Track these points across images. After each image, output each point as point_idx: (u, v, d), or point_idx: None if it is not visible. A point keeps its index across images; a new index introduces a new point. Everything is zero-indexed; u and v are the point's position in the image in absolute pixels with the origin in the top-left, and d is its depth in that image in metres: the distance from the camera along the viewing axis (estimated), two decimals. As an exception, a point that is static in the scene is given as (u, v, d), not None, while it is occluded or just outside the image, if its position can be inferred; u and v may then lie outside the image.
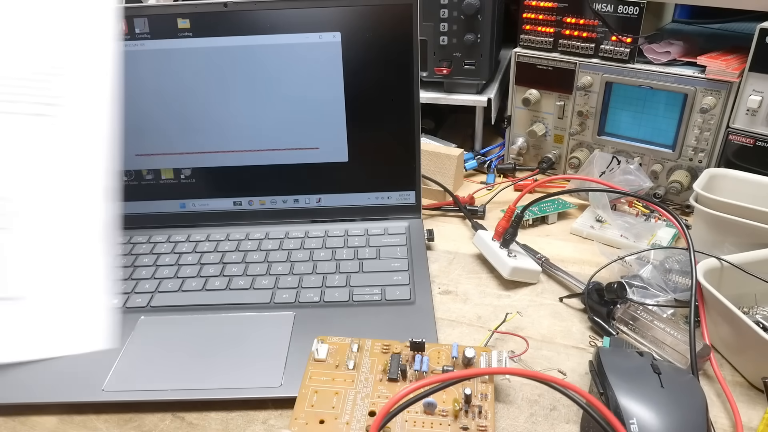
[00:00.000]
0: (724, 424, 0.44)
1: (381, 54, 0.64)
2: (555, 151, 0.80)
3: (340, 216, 0.70)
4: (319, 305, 0.56)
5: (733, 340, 0.49)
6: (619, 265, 0.59)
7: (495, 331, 0.53)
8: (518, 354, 0.50)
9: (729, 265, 0.52)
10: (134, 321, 0.55)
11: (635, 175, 0.70)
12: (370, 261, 0.62)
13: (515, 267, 0.59)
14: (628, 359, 0.44)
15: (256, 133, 0.67)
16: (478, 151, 0.88)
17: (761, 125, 0.64)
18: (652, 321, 0.51)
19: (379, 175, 0.69)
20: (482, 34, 0.80)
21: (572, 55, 0.73)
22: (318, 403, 0.43)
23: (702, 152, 0.68)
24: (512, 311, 0.56)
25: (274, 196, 0.70)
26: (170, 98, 0.65)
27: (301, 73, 0.64)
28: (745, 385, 0.48)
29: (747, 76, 0.63)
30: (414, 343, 0.46)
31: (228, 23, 0.63)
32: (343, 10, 0.62)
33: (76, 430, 0.46)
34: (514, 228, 0.61)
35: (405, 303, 0.56)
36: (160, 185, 0.69)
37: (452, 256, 0.66)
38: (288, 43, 0.63)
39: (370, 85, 0.65)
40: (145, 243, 0.66)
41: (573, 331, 0.54)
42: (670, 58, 0.68)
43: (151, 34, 0.63)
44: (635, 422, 0.38)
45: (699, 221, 0.60)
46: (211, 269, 0.62)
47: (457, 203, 0.74)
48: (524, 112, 0.80)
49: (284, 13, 0.63)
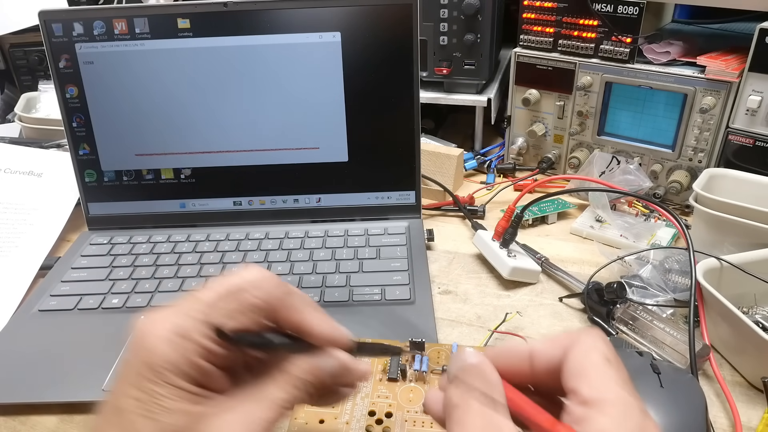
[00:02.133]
0: (724, 424, 0.44)
1: (381, 54, 0.64)
2: (555, 151, 0.80)
3: (340, 216, 0.70)
4: (319, 305, 0.56)
5: (733, 340, 0.49)
6: (619, 265, 0.59)
7: (495, 331, 0.53)
8: None
9: (729, 265, 0.52)
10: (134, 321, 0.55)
11: (635, 175, 0.70)
12: (370, 261, 0.62)
13: (515, 267, 0.59)
14: (627, 359, 0.44)
15: (256, 133, 0.67)
16: (478, 151, 0.88)
17: (761, 125, 0.64)
18: (652, 321, 0.51)
19: (379, 175, 0.69)
20: (482, 34, 0.80)
21: (572, 55, 0.73)
22: (318, 403, 0.43)
23: (702, 152, 0.68)
24: (512, 311, 0.56)
25: (274, 196, 0.70)
26: (170, 98, 0.65)
27: (301, 73, 0.64)
28: (745, 385, 0.48)
29: (747, 76, 0.63)
30: (414, 342, 0.46)
31: (228, 23, 0.63)
32: (343, 10, 0.62)
33: (76, 430, 0.46)
34: (514, 228, 0.61)
35: (405, 303, 0.56)
36: (160, 185, 0.69)
37: (452, 256, 0.66)
38: (288, 43, 0.63)
39: (370, 85, 0.65)
40: (145, 243, 0.66)
41: (573, 331, 0.54)
42: (669, 58, 0.68)
43: (151, 34, 0.63)
44: (635, 422, 0.38)
45: (699, 221, 0.60)
46: (211, 269, 0.62)
47: (457, 203, 0.74)
48: (524, 112, 0.80)
49: (284, 13, 0.63)
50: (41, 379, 0.49)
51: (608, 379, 0.24)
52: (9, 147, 0.76)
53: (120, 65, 0.64)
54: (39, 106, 0.90)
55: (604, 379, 0.24)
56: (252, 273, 0.30)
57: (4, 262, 0.63)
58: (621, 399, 0.23)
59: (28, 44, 0.97)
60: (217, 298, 0.29)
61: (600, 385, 0.24)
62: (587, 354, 0.25)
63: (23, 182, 0.72)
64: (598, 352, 0.25)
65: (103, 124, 0.66)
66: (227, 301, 0.29)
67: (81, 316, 0.57)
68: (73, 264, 0.63)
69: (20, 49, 0.97)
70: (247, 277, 0.30)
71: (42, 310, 0.57)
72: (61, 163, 0.73)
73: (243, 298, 0.29)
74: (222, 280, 0.30)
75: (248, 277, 0.30)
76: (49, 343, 0.53)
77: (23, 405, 0.48)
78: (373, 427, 0.41)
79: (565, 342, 0.26)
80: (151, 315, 0.28)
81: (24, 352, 0.52)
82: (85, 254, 0.65)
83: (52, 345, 0.53)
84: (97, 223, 0.70)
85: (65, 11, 0.64)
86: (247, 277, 0.30)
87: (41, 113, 0.88)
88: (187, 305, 0.29)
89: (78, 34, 0.63)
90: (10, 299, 0.59)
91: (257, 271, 0.30)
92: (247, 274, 0.30)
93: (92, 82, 0.65)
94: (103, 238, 0.67)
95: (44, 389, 0.48)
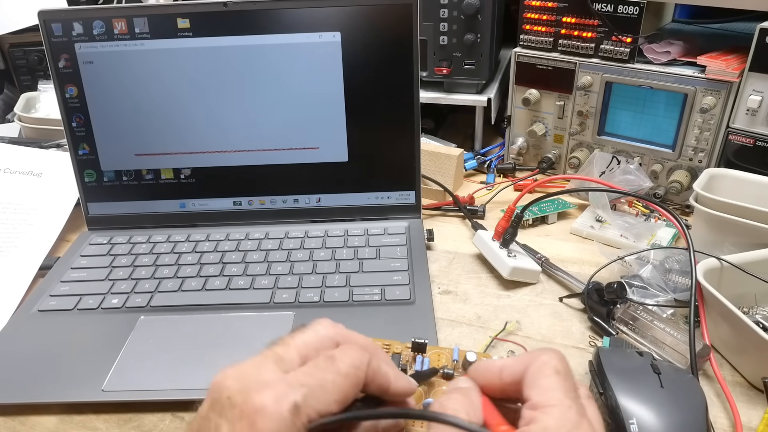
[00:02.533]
0: (724, 424, 0.44)
1: (381, 54, 0.64)
2: (555, 151, 0.80)
3: (339, 216, 0.70)
4: (319, 305, 0.56)
5: (733, 340, 0.49)
6: (619, 265, 0.59)
7: (495, 338, 0.52)
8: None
9: (729, 265, 0.52)
10: (134, 321, 0.55)
11: (635, 175, 0.70)
12: (370, 261, 0.62)
13: (515, 267, 0.59)
14: (627, 359, 0.44)
15: (256, 132, 0.67)
16: (478, 151, 0.88)
17: (761, 125, 0.64)
18: (652, 321, 0.51)
19: (379, 175, 0.69)
20: (482, 34, 0.80)
21: (572, 55, 0.73)
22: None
23: (702, 152, 0.68)
24: (511, 315, 0.56)
25: (274, 196, 0.69)
26: (170, 98, 0.65)
27: (301, 73, 0.64)
28: (745, 385, 0.48)
29: (747, 76, 0.63)
30: (416, 343, 0.46)
31: (228, 23, 0.63)
32: (343, 10, 0.62)
33: (76, 430, 0.46)
34: (514, 228, 0.61)
35: (405, 303, 0.56)
36: (160, 185, 0.69)
37: (452, 256, 0.66)
38: (288, 42, 0.63)
39: (370, 85, 0.65)
40: (145, 243, 0.66)
41: (573, 331, 0.54)
42: (670, 58, 0.67)
43: (151, 34, 0.63)
44: (635, 422, 0.38)
45: (699, 221, 0.60)
46: (210, 269, 0.62)
47: (457, 203, 0.74)
48: (524, 112, 0.80)
49: (284, 12, 0.63)
50: (41, 379, 0.49)
51: (555, 388, 0.29)
52: (9, 147, 0.76)
53: (120, 65, 0.64)
54: (39, 106, 0.90)
55: (550, 388, 0.29)
56: (352, 348, 0.30)
57: (4, 262, 0.63)
58: (563, 403, 0.28)
59: (28, 44, 0.97)
60: (327, 382, 0.28)
61: (547, 393, 0.29)
62: (541, 368, 0.30)
63: (23, 182, 0.72)
64: (550, 366, 0.30)
65: (102, 124, 0.66)
66: (336, 385, 0.28)
67: (80, 316, 0.56)
68: (72, 264, 0.63)
69: (20, 49, 0.97)
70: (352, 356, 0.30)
71: (41, 310, 0.57)
72: (61, 163, 0.73)
73: (351, 382, 0.29)
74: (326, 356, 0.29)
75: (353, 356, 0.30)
76: (48, 343, 0.53)
77: (23, 405, 0.48)
78: None
79: (527, 359, 0.31)
80: (264, 385, 0.27)
81: (23, 352, 0.52)
82: (84, 254, 0.65)
83: (52, 345, 0.53)
84: (97, 223, 0.70)
85: (65, 11, 0.64)
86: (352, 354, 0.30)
87: (41, 113, 0.88)
88: (309, 380, 0.28)
89: (77, 34, 0.63)
90: (10, 299, 0.59)
91: (358, 342, 0.31)
92: (350, 351, 0.30)
93: (92, 82, 0.65)
94: (102, 238, 0.67)
95: (44, 389, 0.48)
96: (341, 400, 0.28)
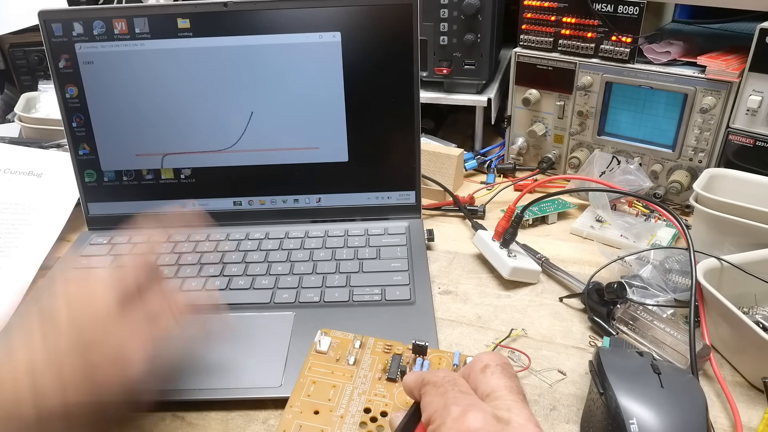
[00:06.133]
0: (724, 424, 0.44)
1: (381, 54, 0.64)
2: (555, 151, 0.80)
3: (340, 216, 0.70)
4: (319, 305, 0.56)
5: (733, 340, 0.49)
6: (619, 265, 0.59)
7: (499, 345, 0.52)
8: (520, 370, 0.49)
9: (729, 265, 0.52)
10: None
11: (635, 175, 0.70)
12: (370, 261, 0.62)
13: (515, 267, 0.59)
14: (628, 359, 0.44)
15: (256, 132, 0.67)
16: (478, 151, 0.88)
17: (761, 125, 0.64)
18: (652, 321, 0.51)
19: (379, 175, 0.69)
20: (482, 34, 0.80)
21: (572, 55, 0.73)
22: (315, 394, 0.43)
23: (702, 152, 0.68)
24: (512, 315, 0.56)
25: (274, 196, 0.70)
26: (170, 98, 0.65)
27: (301, 73, 0.64)
28: (745, 385, 0.48)
29: (747, 76, 0.63)
30: (417, 346, 0.46)
31: (228, 23, 0.63)
32: (343, 10, 0.62)
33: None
34: (514, 228, 0.61)
35: (405, 303, 0.56)
36: (160, 185, 0.69)
37: (452, 256, 0.66)
38: (288, 43, 0.63)
39: (370, 85, 0.65)
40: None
41: (573, 331, 0.54)
42: (670, 58, 0.68)
43: (151, 34, 0.63)
44: (635, 422, 0.38)
45: (699, 221, 0.60)
46: (211, 269, 0.62)
47: (457, 203, 0.74)
48: (524, 112, 0.80)
49: (284, 12, 0.63)
50: (41, 379, 0.49)
51: (481, 379, 0.35)
52: (9, 147, 0.76)
53: (120, 65, 0.64)
54: (39, 106, 0.90)
55: (478, 378, 0.35)
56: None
57: (4, 262, 0.63)
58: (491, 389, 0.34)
59: (28, 44, 0.97)
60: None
61: (474, 383, 0.35)
62: (473, 364, 0.36)
63: (23, 182, 0.72)
64: (480, 362, 0.35)
65: (102, 124, 0.66)
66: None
67: (81, 316, 0.56)
68: (73, 264, 0.63)
69: (20, 49, 0.97)
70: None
71: (42, 310, 0.57)
72: (61, 163, 0.73)
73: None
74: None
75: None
76: (48, 343, 0.53)
77: (23, 405, 0.47)
78: (367, 424, 0.41)
79: (474, 359, 0.36)
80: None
81: (24, 352, 0.52)
82: (85, 254, 0.65)
83: (52, 345, 0.53)
84: (97, 223, 0.70)
85: (65, 11, 0.64)
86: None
87: (41, 113, 0.88)
88: None
89: (78, 34, 0.63)
90: (10, 299, 0.59)
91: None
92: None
93: (92, 82, 0.65)
94: (103, 238, 0.67)
95: (44, 389, 0.48)
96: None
